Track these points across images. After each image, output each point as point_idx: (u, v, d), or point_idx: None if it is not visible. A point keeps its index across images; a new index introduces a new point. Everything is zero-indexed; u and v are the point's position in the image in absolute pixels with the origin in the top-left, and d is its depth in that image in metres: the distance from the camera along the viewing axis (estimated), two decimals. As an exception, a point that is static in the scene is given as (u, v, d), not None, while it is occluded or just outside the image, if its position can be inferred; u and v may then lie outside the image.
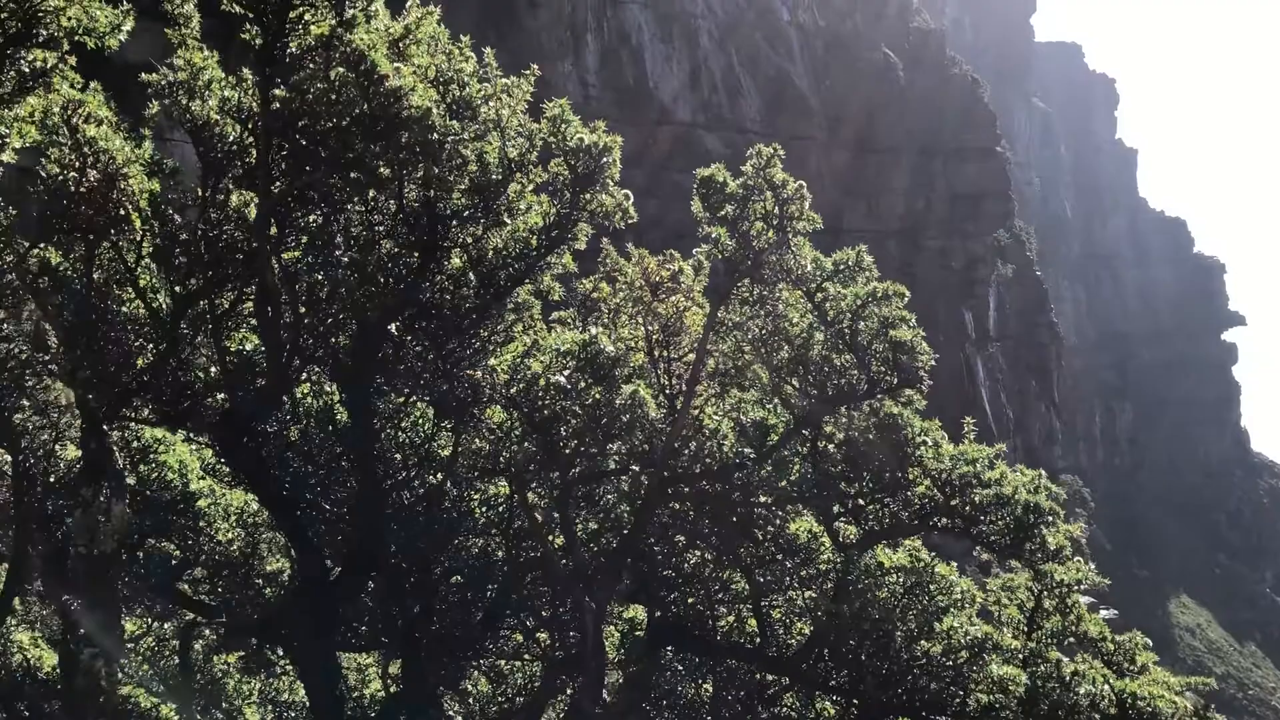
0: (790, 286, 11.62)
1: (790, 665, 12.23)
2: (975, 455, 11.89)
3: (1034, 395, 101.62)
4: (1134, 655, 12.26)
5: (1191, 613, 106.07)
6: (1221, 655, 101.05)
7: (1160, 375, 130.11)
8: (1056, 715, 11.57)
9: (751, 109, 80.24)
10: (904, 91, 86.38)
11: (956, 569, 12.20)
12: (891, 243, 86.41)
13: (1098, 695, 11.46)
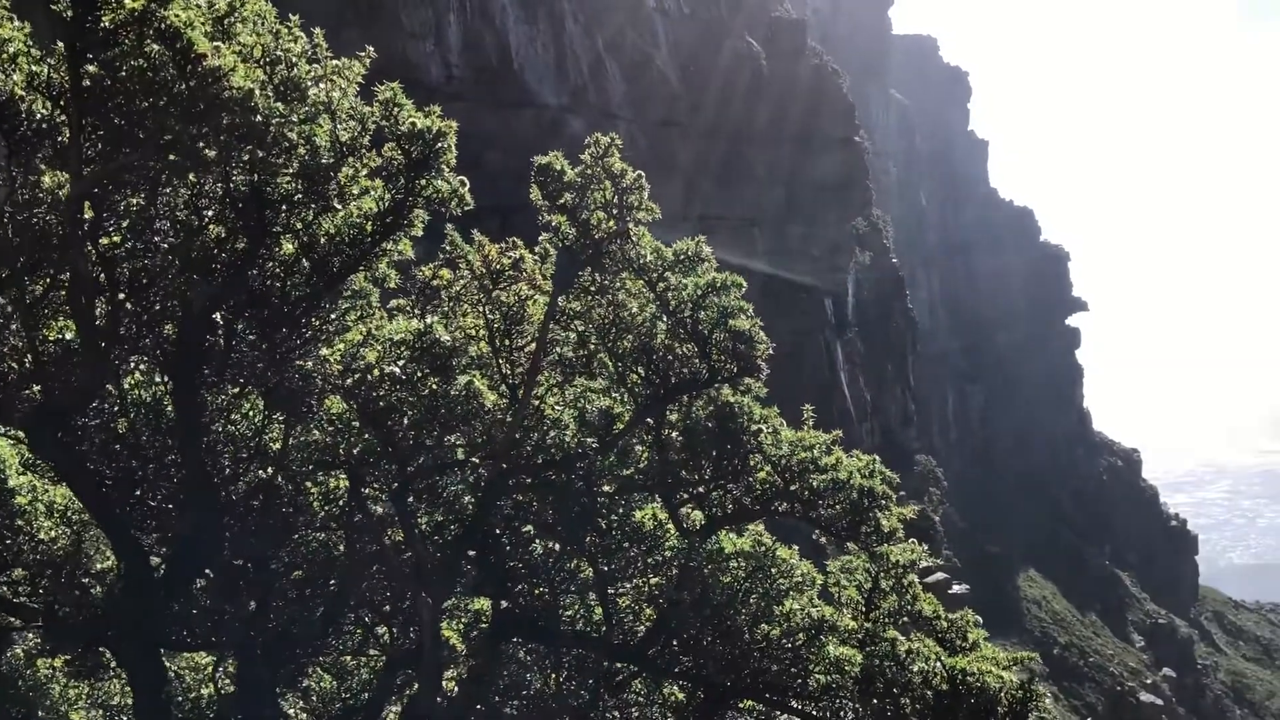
0: (633, 276, 11.65)
1: (636, 653, 12.30)
2: (813, 442, 12.17)
3: (890, 379, 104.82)
4: (966, 633, 12.76)
5: (1038, 586, 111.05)
6: (1065, 625, 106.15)
7: (1010, 359, 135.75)
8: (891, 693, 11.96)
9: (617, 93, 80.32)
10: (766, 80, 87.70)
11: (797, 552, 12.45)
12: (755, 229, 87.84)
13: (930, 672, 11.89)
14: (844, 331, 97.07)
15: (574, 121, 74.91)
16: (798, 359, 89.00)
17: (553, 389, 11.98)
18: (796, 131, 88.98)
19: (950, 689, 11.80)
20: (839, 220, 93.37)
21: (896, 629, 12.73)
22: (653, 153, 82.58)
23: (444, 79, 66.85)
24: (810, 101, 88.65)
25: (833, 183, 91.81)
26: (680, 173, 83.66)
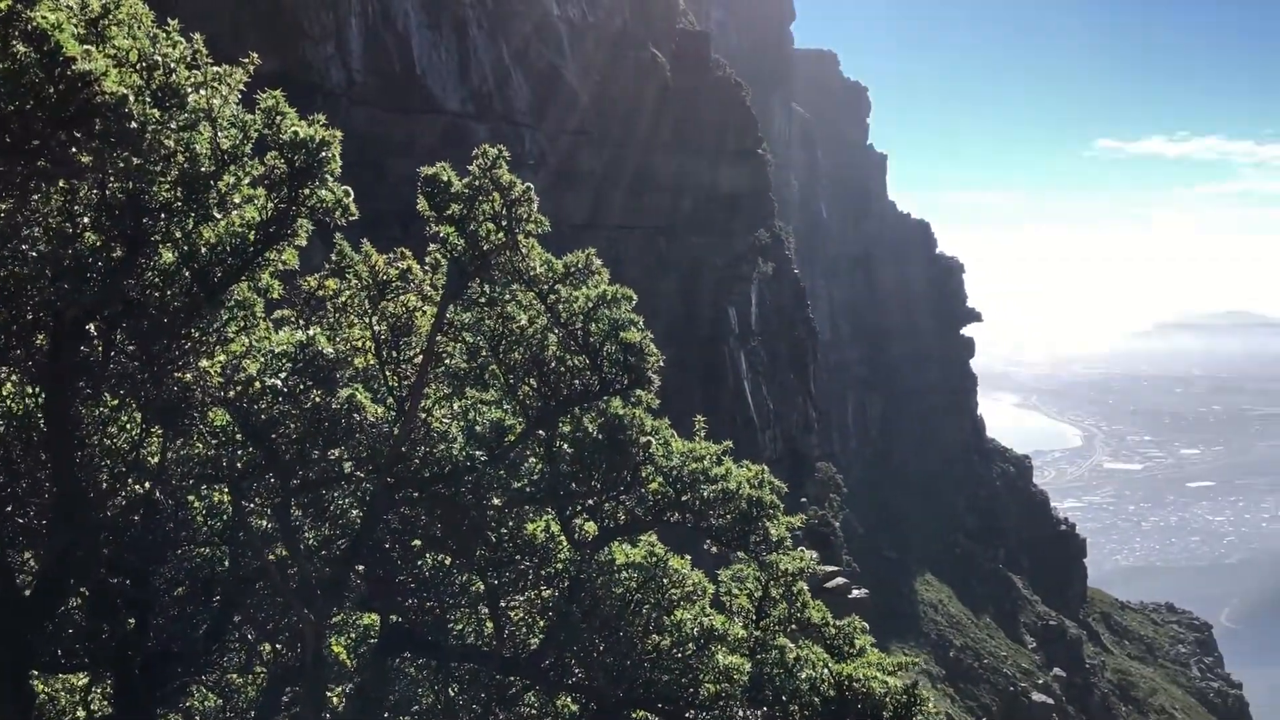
0: (523, 288, 11.63)
1: (527, 665, 12.26)
2: (703, 452, 12.30)
3: (792, 388, 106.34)
4: (853, 638, 13.01)
5: (935, 590, 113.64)
6: (961, 628, 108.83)
7: (907, 368, 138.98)
8: (780, 700, 12.13)
9: (522, 101, 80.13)
10: (672, 91, 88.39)
11: (690, 562, 12.56)
12: (660, 239, 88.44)
13: (818, 679, 12.10)
14: (748, 341, 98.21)
15: (479, 129, 74.50)
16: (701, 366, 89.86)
17: (440, 401, 11.87)
18: (702, 143, 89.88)
19: (837, 695, 12.03)
20: (743, 231, 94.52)
21: (786, 636, 12.92)
22: (560, 162, 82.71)
23: (345, 84, 65.89)
24: (715, 113, 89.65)
25: (737, 194, 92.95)
26: (589, 182, 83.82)
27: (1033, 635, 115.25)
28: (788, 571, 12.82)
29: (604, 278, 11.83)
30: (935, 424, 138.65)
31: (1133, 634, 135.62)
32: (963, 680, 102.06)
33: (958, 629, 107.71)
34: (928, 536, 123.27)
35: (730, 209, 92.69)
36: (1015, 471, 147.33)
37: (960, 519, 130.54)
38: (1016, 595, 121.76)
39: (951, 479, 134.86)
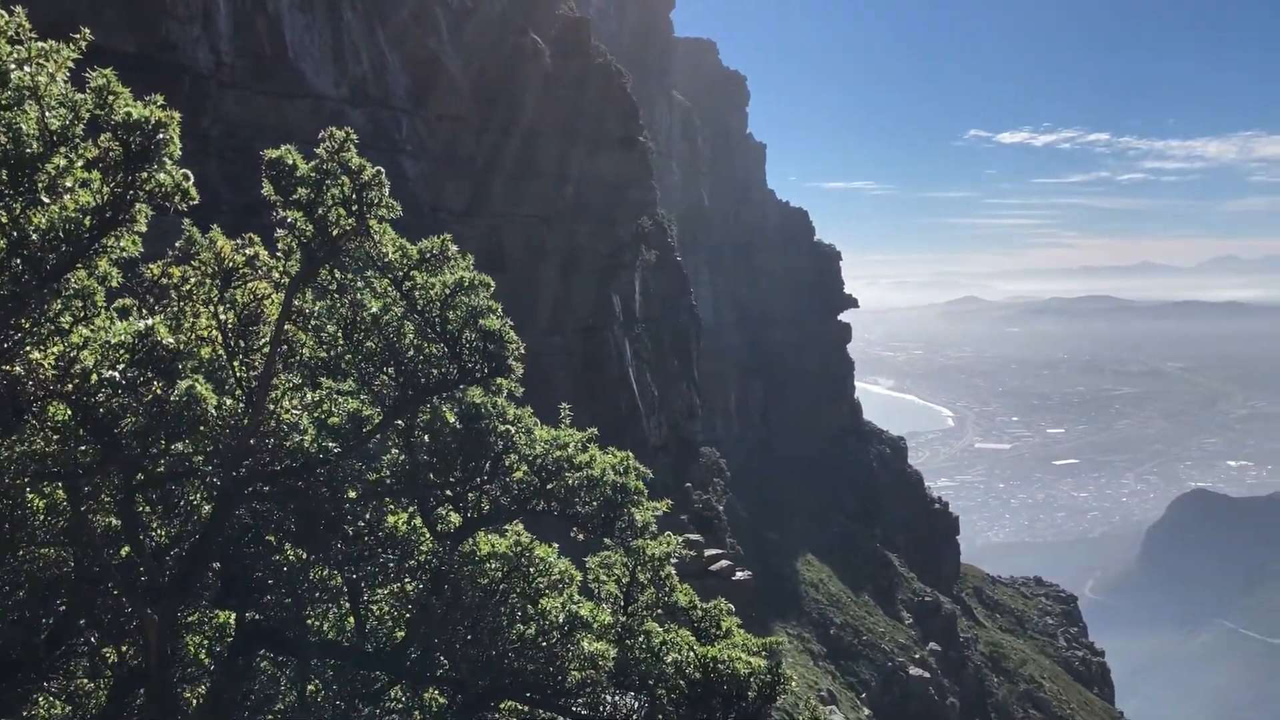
0: (378, 274, 11.37)
1: (391, 660, 12.05)
2: (567, 440, 12.25)
3: (677, 374, 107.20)
4: (720, 621, 13.16)
5: (815, 569, 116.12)
6: (841, 606, 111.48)
7: (788, 354, 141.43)
8: (646, 684, 12.20)
9: (399, 86, 78.69)
10: (552, 77, 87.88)
11: (557, 550, 12.51)
12: (543, 227, 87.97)
13: (683, 662, 12.20)
14: (632, 328, 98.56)
15: (355, 114, 72.92)
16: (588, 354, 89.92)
17: (290, 392, 11.53)
18: (583, 130, 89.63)
19: (703, 678, 12.15)
20: (626, 219, 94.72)
21: (654, 621, 12.98)
22: (440, 148, 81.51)
23: (214, 66, 63.65)
24: (596, 100, 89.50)
25: (619, 181, 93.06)
26: (469, 169, 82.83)
27: (909, 611, 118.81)
28: (655, 556, 12.89)
29: (460, 263, 11.63)
30: (815, 408, 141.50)
31: (1004, 607, 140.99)
32: (843, 657, 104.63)
33: (838, 607, 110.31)
34: (809, 518, 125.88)
35: (612, 197, 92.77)
36: (891, 453, 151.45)
37: (840, 500, 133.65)
38: (893, 573, 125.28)
39: (831, 461, 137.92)
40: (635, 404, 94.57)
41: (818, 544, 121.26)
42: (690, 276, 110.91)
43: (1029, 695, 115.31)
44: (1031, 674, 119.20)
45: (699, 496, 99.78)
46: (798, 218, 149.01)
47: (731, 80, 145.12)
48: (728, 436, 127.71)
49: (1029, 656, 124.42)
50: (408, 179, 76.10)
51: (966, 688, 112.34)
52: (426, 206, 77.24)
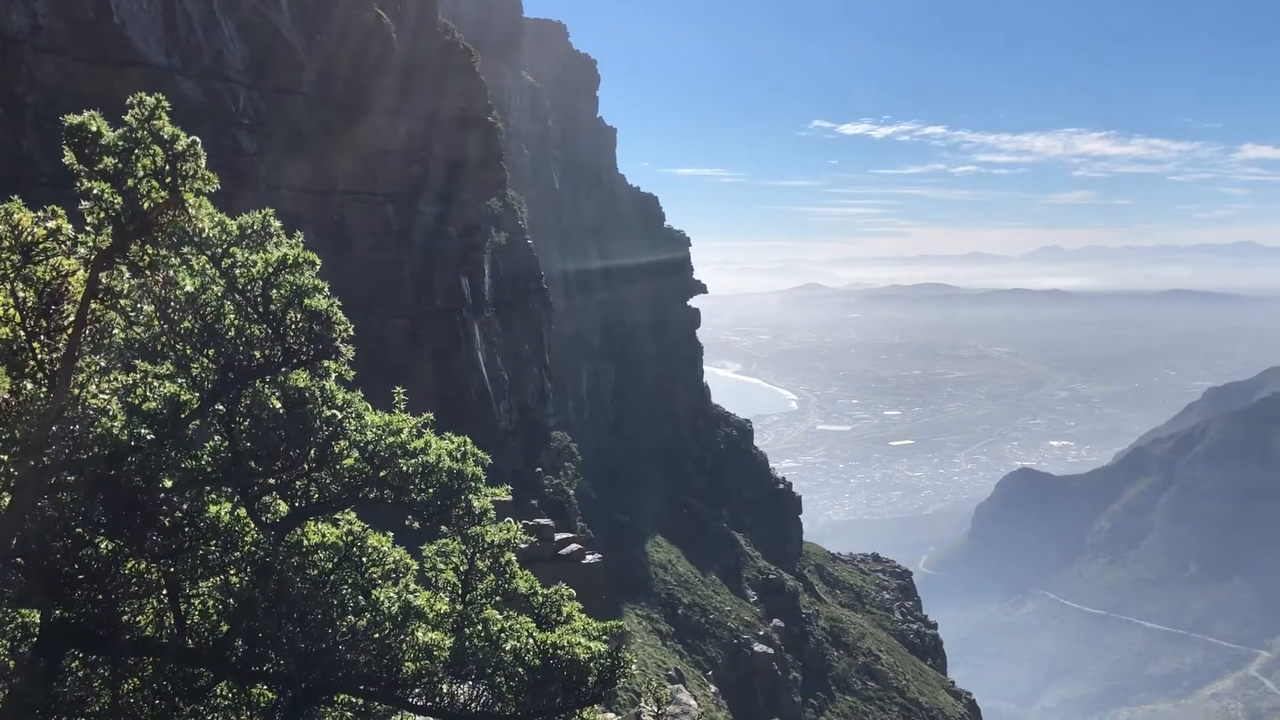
0: (195, 251, 10.72)
1: (213, 656, 11.47)
2: (401, 425, 11.87)
3: (528, 358, 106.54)
4: (560, 607, 13.04)
5: (664, 551, 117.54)
6: (689, 586, 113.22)
7: (638, 338, 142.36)
8: (485, 673, 11.99)
9: (235, 58, 75.34)
10: (399, 54, 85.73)
11: (392, 539, 12.13)
12: (389, 206, 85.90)
13: (522, 649, 12.04)
14: (481, 311, 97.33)
15: (186, 84, 69.46)
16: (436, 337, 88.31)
17: (97, 375, 10.76)
18: (430, 108, 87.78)
19: (542, 664, 12.01)
20: (475, 199, 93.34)
21: (493, 608, 12.76)
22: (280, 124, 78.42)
23: (29, 29, 59.58)
24: (443, 78, 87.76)
25: (468, 162, 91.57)
26: (311, 146, 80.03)
27: (754, 589, 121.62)
28: (494, 543, 12.65)
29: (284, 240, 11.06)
30: (665, 392, 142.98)
31: (843, 583, 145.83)
32: (691, 636, 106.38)
33: (686, 587, 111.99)
34: (658, 500, 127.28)
35: (462, 177, 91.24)
36: (738, 435, 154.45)
37: (689, 482, 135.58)
38: (740, 552, 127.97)
39: (680, 444, 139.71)
40: (485, 388, 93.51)
41: (667, 525, 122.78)
42: (541, 259, 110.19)
43: (867, 668, 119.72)
44: (869, 647, 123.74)
45: (550, 481, 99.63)
46: (649, 203, 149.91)
47: (582, 63, 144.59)
48: (579, 420, 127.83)
49: (867, 630, 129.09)
50: (245, 154, 73.06)
51: (808, 662, 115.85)
52: (265, 183, 74.33)
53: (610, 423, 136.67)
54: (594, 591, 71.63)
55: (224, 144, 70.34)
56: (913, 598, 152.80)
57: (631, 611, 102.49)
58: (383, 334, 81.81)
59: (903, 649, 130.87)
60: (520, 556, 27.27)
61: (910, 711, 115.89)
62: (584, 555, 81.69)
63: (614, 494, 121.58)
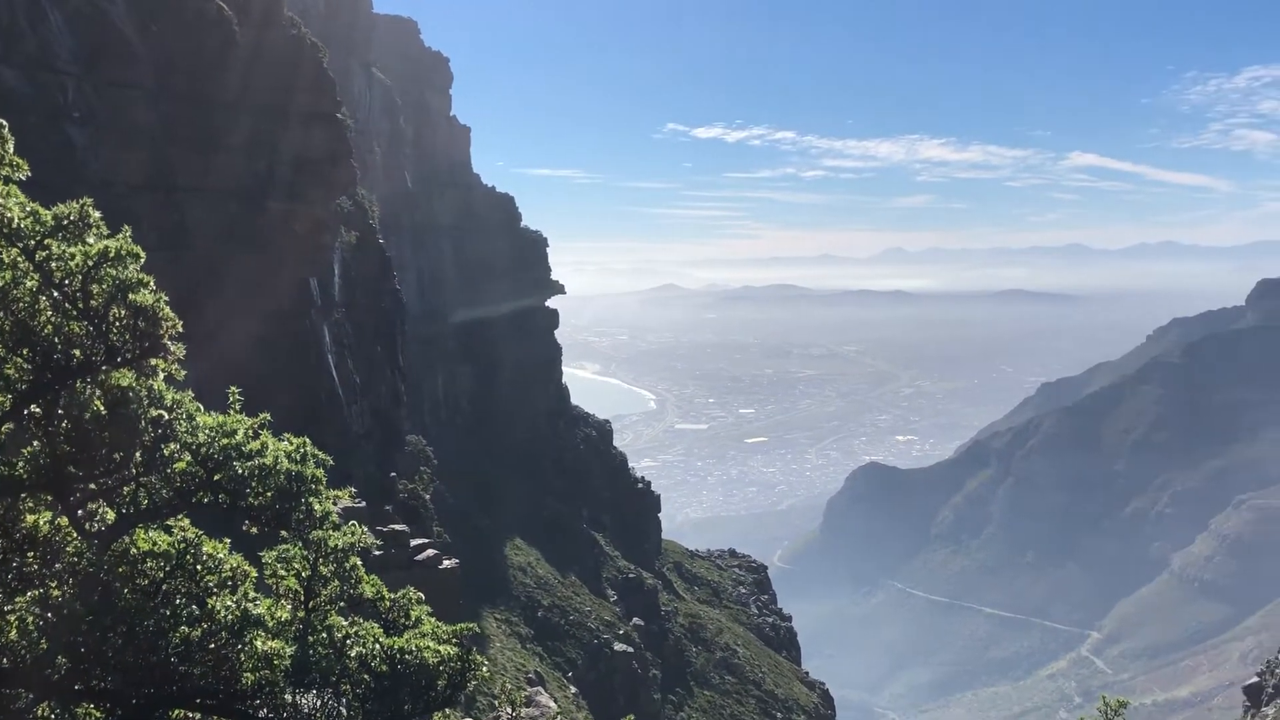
0: (5, 243, 10.02)
1: (33, 675, 10.74)
2: (236, 426, 11.36)
3: (380, 360, 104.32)
4: (408, 611, 12.70)
5: (524, 553, 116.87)
6: (549, 588, 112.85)
7: (496, 339, 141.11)
8: (329, 681, 11.59)
9: (64, 49, 71.39)
10: (242, 48, 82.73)
11: (229, 545, 11.58)
12: (232, 203, 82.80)
13: (368, 655, 11.69)
14: (331, 313, 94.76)
15: (9, 74, 65.52)
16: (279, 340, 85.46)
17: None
18: (275, 104, 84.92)
19: (390, 670, 11.69)
20: (324, 198, 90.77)
21: (339, 614, 12.35)
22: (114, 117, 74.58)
23: None
24: (289, 74, 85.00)
25: (316, 159, 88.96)
26: (148, 140, 76.43)
27: (614, 589, 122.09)
28: (338, 548, 12.22)
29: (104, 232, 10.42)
30: (524, 393, 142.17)
31: (701, 580, 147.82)
32: (551, 638, 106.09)
33: (546, 589, 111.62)
34: (518, 502, 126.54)
35: (309, 174, 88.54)
36: (597, 435, 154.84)
37: (548, 483, 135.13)
38: (599, 552, 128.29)
39: (540, 445, 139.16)
40: (336, 392, 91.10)
41: (527, 528, 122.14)
42: (394, 259, 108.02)
43: (724, 662, 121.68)
44: (727, 642, 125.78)
45: (404, 485, 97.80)
46: (504, 203, 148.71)
47: (434, 61, 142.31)
48: (435, 423, 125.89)
49: (724, 625, 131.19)
50: (76, 148, 69.35)
51: (668, 659, 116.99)
52: (98, 179, 70.67)
53: (468, 425, 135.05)
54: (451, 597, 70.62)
55: (52, 138, 66.76)
56: (768, 591, 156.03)
57: (491, 615, 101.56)
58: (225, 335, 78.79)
59: (759, 642, 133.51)
60: (375, 564, 27.22)
61: (766, 704, 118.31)
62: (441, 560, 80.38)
63: (472, 497, 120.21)
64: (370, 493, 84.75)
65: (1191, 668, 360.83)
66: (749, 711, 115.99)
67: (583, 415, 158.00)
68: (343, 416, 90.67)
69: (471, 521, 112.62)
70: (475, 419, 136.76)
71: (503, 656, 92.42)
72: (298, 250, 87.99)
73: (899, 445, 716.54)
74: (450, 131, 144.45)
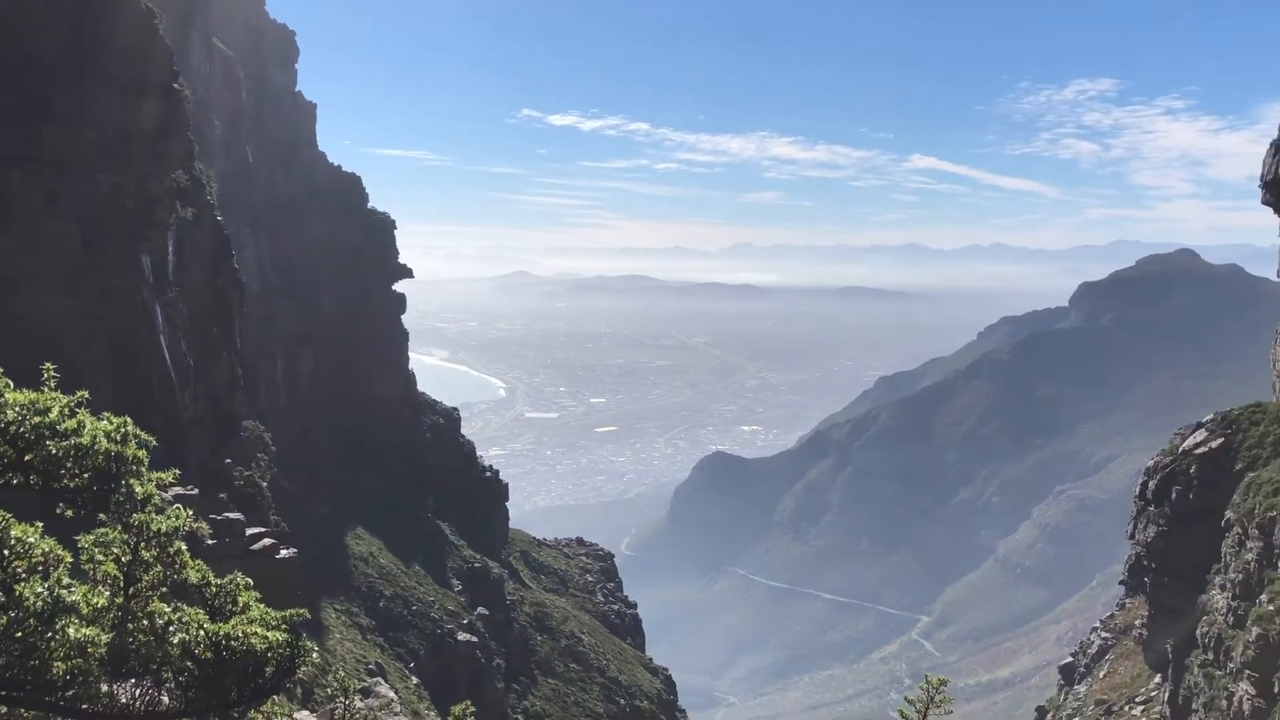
0: None
1: None
2: (50, 404, 10.81)
3: (216, 343, 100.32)
4: (236, 596, 12.33)
5: (366, 543, 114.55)
6: (391, 578, 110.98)
7: (340, 323, 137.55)
8: (150, 669, 11.18)
9: None
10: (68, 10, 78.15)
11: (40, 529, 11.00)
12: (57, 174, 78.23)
13: (191, 642, 11.32)
14: (164, 292, 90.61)
15: None
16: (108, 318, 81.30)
17: None
18: (108, 71, 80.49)
19: (215, 657, 11.35)
20: (158, 171, 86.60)
21: (161, 601, 11.89)
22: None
23: None
24: (121, 41, 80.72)
25: (150, 130, 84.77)
26: (-41, 105, 71.46)
27: (459, 578, 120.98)
28: (161, 531, 11.76)
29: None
30: (369, 379, 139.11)
31: (548, 568, 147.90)
32: (393, 629, 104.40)
33: (388, 579, 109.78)
34: (360, 491, 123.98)
35: (142, 146, 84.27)
36: (445, 423, 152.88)
37: (393, 472, 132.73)
38: (444, 541, 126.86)
39: (384, 432, 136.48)
40: (168, 375, 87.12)
41: (369, 517, 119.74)
42: (232, 238, 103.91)
43: (569, 650, 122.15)
44: (572, 630, 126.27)
45: (240, 473, 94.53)
46: (351, 183, 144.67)
47: (279, 34, 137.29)
48: (274, 409, 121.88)
49: (570, 614, 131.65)
50: (-121, 110, 64.35)
51: (512, 648, 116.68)
52: None
53: (309, 411, 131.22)
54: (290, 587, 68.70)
55: None
56: (615, 579, 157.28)
57: (330, 606, 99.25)
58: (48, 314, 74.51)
59: (604, 630, 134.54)
60: (209, 553, 26.55)
61: (610, 690, 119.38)
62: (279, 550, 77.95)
63: (313, 485, 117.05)
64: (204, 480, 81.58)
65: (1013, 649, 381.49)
66: (592, 699, 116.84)
67: (430, 403, 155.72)
68: (175, 401, 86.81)
69: (311, 510, 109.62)
70: (317, 405, 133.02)
71: (342, 648, 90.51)
72: (128, 226, 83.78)
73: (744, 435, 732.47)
74: (295, 108, 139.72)
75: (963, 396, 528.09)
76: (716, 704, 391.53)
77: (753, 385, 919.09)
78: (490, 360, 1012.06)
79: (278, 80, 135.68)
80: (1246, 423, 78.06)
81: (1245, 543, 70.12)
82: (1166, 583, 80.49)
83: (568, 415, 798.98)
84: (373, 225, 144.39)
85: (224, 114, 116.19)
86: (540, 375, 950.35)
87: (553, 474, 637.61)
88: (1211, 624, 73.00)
